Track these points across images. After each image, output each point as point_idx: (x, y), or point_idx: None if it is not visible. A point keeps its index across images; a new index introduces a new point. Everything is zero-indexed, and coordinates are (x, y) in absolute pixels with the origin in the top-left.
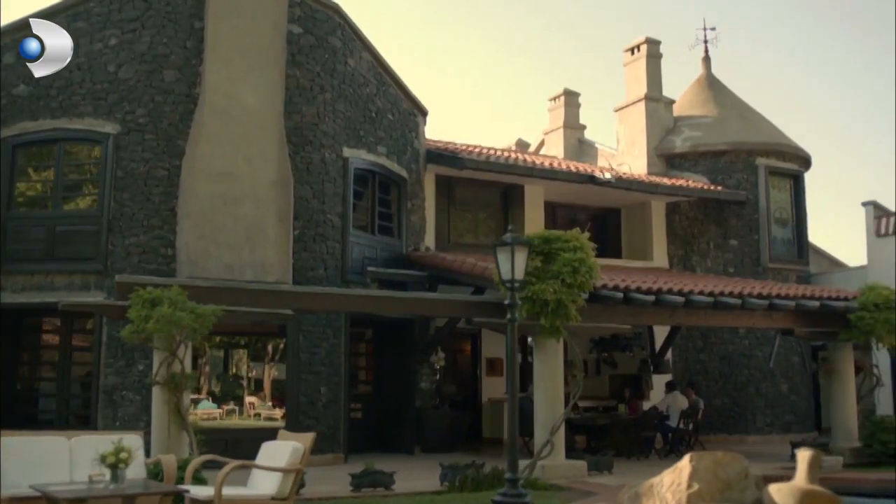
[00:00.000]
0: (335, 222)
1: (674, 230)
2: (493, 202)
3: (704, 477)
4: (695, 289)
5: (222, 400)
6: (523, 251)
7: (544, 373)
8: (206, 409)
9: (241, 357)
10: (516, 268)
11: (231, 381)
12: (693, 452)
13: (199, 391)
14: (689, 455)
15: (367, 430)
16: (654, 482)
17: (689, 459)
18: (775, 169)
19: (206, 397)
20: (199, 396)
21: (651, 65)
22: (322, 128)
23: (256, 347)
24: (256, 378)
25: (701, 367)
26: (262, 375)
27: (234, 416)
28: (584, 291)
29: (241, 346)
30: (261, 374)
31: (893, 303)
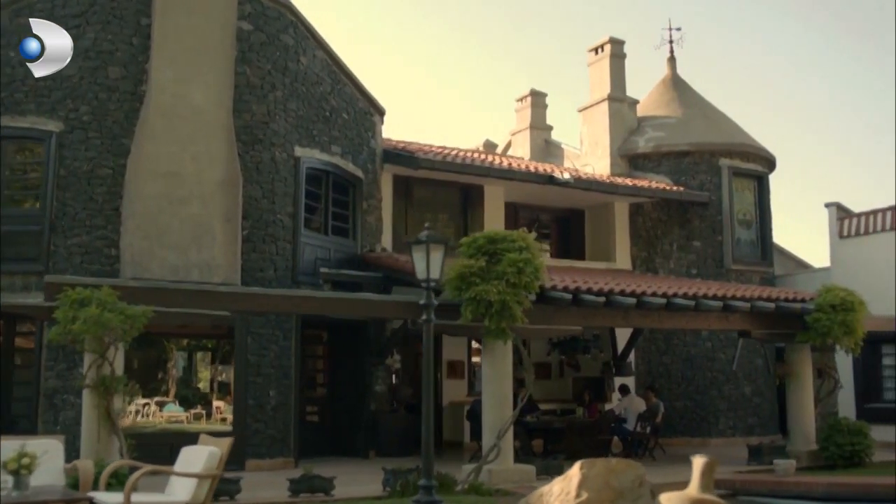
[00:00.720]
0: (286, 222)
1: (637, 231)
2: (452, 203)
3: (594, 485)
4: (647, 290)
5: (191, 404)
6: (439, 250)
7: (492, 375)
8: (172, 412)
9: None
10: (432, 267)
11: (187, 385)
12: (584, 460)
13: (168, 394)
14: (580, 462)
15: (323, 434)
16: (543, 491)
17: (580, 467)
18: (739, 170)
19: (173, 401)
20: (166, 400)
21: (615, 65)
22: (273, 126)
23: (225, 350)
24: (225, 381)
25: (664, 369)
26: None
27: (202, 420)
28: (530, 292)
29: (209, 348)
30: (230, 378)
31: (850, 304)
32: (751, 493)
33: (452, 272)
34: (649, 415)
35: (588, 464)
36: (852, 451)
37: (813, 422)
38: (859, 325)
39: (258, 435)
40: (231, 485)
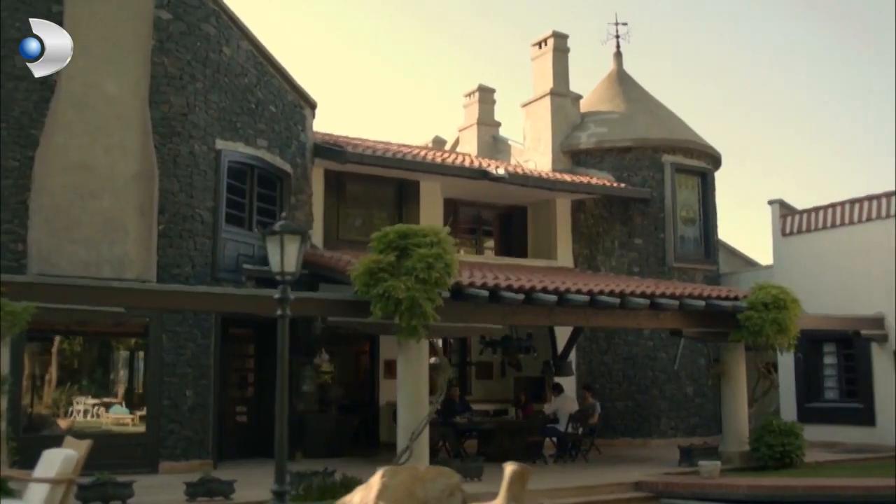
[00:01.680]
0: (205, 217)
1: (579, 229)
2: (387, 198)
3: (395, 495)
4: (572, 287)
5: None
6: (294, 241)
7: (407, 375)
8: (118, 413)
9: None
10: (286, 259)
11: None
12: (389, 467)
13: (117, 395)
14: (382, 470)
15: (250, 436)
16: (345, 500)
17: (381, 475)
18: (682, 166)
19: (119, 402)
20: (114, 401)
21: (558, 59)
22: (192, 118)
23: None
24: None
25: (605, 368)
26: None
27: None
28: (442, 289)
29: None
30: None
31: (783, 302)
32: (673, 496)
33: (361, 267)
34: (581, 415)
35: (392, 472)
36: (783, 452)
37: (746, 422)
38: (792, 324)
39: (173, 436)
40: (122, 489)
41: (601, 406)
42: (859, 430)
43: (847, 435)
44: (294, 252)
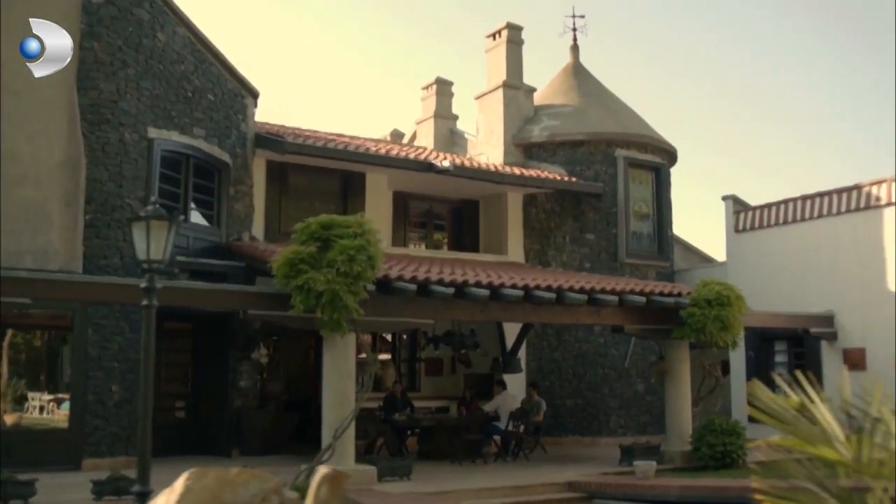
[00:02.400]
0: (135, 207)
1: (530, 223)
2: (331, 191)
3: (200, 499)
4: (506, 282)
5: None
6: (162, 227)
7: (332, 371)
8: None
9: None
10: (153, 247)
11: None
12: (196, 469)
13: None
14: (189, 472)
15: (186, 432)
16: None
17: (186, 478)
18: (636, 161)
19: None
20: (65, 397)
21: (511, 51)
22: (123, 105)
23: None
24: None
25: (555, 366)
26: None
27: None
28: (366, 282)
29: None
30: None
31: (726, 299)
32: (605, 496)
33: (281, 259)
34: (522, 413)
35: (198, 474)
36: (724, 452)
37: (689, 421)
38: (736, 321)
39: (98, 432)
40: (23, 487)
41: (549, 404)
42: None
43: None
44: (162, 239)
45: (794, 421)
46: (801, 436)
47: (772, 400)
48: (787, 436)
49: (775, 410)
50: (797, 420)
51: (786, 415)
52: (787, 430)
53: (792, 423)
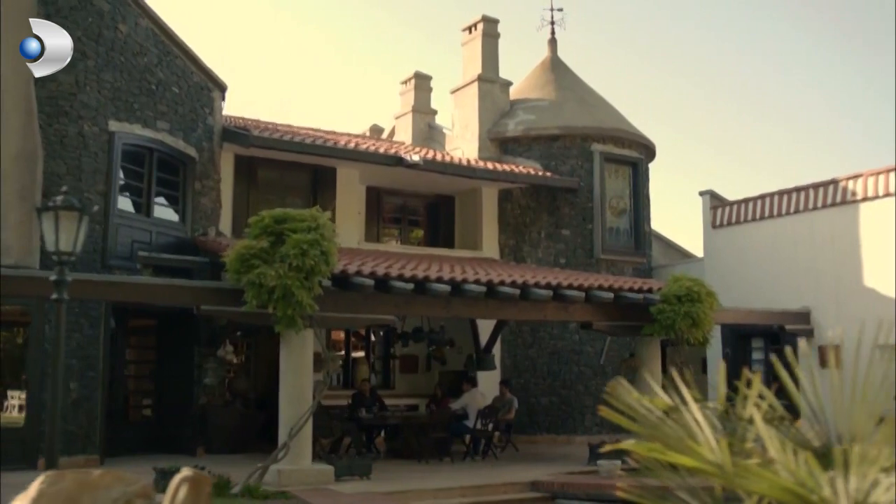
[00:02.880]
0: (95, 201)
1: (506, 219)
2: (301, 185)
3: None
4: (469, 277)
5: None
6: (73, 218)
7: (289, 368)
8: None
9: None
10: (62, 238)
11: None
12: (53, 472)
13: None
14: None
15: (150, 430)
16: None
17: (41, 480)
18: (612, 156)
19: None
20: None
21: (487, 44)
22: (82, 98)
23: None
24: None
25: (529, 363)
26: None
27: None
28: (321, 277)
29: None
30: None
31: (697, 295)
32: (568, 496)
33: (233, 253)
34: (491, 411)
35: (55, 477)
36: None
37: None
38: (706, 317)
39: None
40: None
41: (523, 401)
42: None
43: None
44: (72, 229)
45: (658, 425)
46: (661, 440)
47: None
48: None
49: (639, 413)
50: (661, 424)
51: (649, 418)
52: (647, 435)
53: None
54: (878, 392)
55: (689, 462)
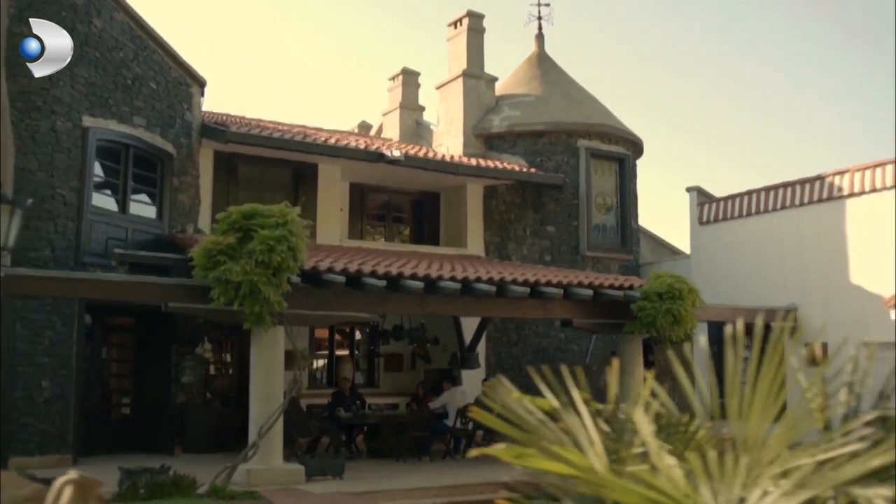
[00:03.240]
0: (68, 198)
1: (491, 216)
2: (282, 182)
3: None
4: (445, 274)
5: None
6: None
7: (259, 366)
8: None
9: None
10: None
11: None
12: None
13: None
14: None
15: (131, 428)
16: None
17: None
18: (598, 152)
19: None
20: None
21: (472, 40)
22: (55, 93)
23: None
24: None
25: (514, 361)
26: None
27: None
28: (289, 274)
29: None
30: None
31: (678, 292)
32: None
33: (199, 249)
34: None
35: None
36: None
37: None
38: (688, 315)
39: (27, 430)
40: None
41: None
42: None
43: None
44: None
45: (536, 428)
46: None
47: (517, 401)
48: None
49: (517, 414)
50: (541, 426)
51: (528, 420)
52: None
53: (534, 430)
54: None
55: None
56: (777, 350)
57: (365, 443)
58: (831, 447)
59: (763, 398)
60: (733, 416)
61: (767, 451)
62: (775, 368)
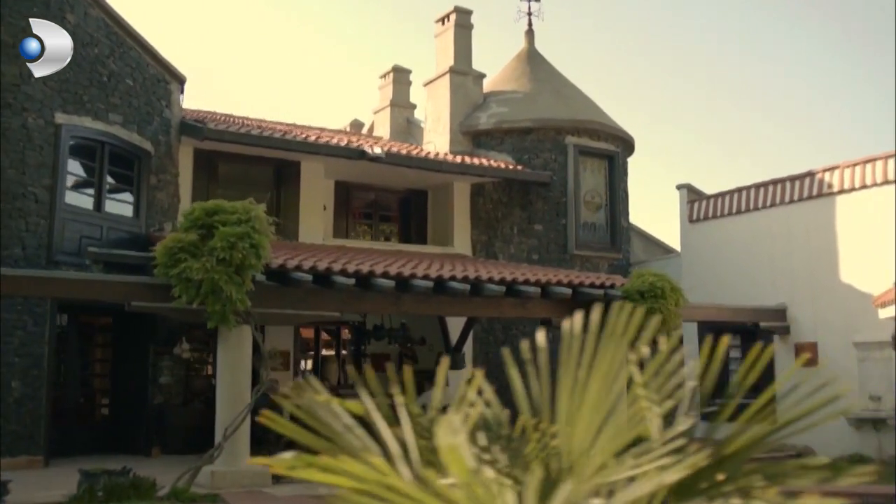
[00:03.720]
0: (40, 196)
1: (478, 214)
2: (264, 180)
3: None
4: (418, 273)
5: None
6: None
7: (225, 366)
8: None
9: None
10: None
11: None
12: None
13: None
14: None
15: (108, 429)
16: None
17: None
18: (587, 149)
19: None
20: None
21: (460, 36)
22: (26, 90)
23: None
24: None
25: (502, 360)
26: None
27: None
28: (253, 272)
29: None
30: None
31: (660, 291)
32: None
33: (160, 246)
34: None
35: None
36: None
37: None
38: (671, 314)
39: None
40: None
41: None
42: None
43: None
44: None
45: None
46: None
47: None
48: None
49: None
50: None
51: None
52: (327, 448)
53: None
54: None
55: (344, 483)
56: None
57: None
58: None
59: (594, 401)
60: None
61: (591, 462)
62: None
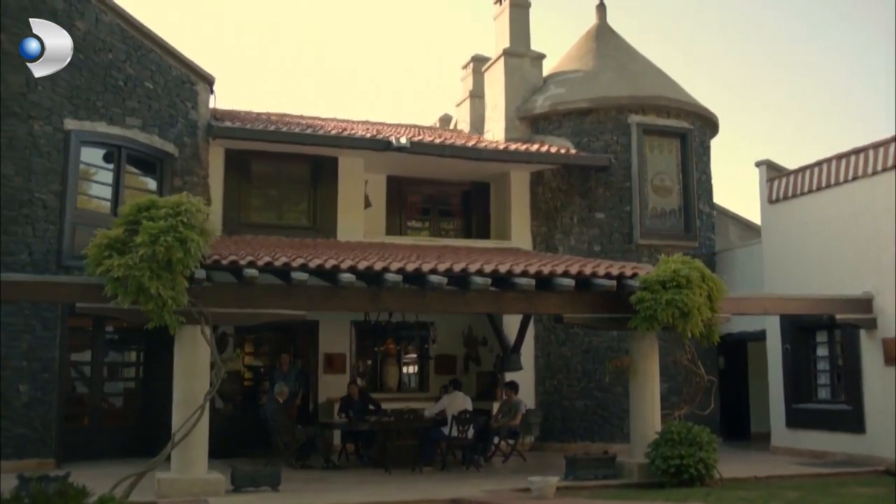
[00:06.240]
0: (49, 202)
1: (537, 204)
2: (300, 178)
3: None
4: (392, 266)
5: None
6: None
7: (180, 368)
8: None
9: None
10: None
11: None
12: None
13: None
14: None
15: (135, 434)
16: None
17: None
18: (653, 127)
19: None
20: None
21: (516, 16)
22: (33, 98)
23: None
24: None
25: (563, 362)
26: None
27: None
28: (185, 268)
29: None
30: None
31: (684, 280)
32: None
33: (91, 244)
34: (468, 416)
35: None
36: (679, 466)
37: (656, 426)
38: (697, 306)
39: (4, 434)
40: None
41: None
42: (848, 437)
43: (835, 443)
44: None
45: None
46: None
47: None
48: None
49: None
50: None
51: None
52: None
53: None
54: None
55: None
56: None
57: (363, 451)
58: None
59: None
60: None
61: None
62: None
